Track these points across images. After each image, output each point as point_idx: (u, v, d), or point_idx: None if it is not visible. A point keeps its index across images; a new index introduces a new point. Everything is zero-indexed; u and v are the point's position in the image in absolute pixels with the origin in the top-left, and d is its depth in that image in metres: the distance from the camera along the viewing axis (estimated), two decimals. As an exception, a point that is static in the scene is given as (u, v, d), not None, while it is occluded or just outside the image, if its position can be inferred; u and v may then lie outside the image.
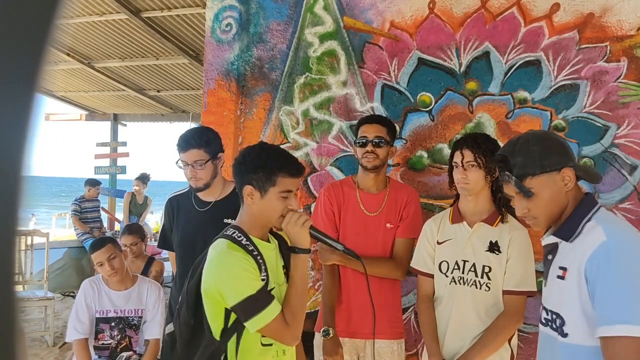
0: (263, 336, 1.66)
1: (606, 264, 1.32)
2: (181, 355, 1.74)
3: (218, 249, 1.65)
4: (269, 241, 1.76)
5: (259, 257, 1.65)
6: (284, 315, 1.61)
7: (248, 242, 1.66)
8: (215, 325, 1.64)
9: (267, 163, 1.64)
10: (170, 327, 1.82)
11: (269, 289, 1.64)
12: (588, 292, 1.34)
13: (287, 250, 1.77)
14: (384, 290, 2.42)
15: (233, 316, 1.62)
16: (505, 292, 2.08)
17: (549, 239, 1.53)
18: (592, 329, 1.34)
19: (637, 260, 1.30)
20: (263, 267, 1.65)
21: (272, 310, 1.58)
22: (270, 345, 1.68)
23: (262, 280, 1.62)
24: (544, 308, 1.55)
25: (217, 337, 1.64)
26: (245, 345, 1.64)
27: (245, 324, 1.58)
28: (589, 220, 1.42)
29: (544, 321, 1.54)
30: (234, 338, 1.64)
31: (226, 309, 1.62)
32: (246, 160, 1.68)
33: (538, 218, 1.52)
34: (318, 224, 2.45)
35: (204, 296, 1.64)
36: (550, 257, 1.53)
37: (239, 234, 1.68)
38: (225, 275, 1.60)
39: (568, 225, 1.46)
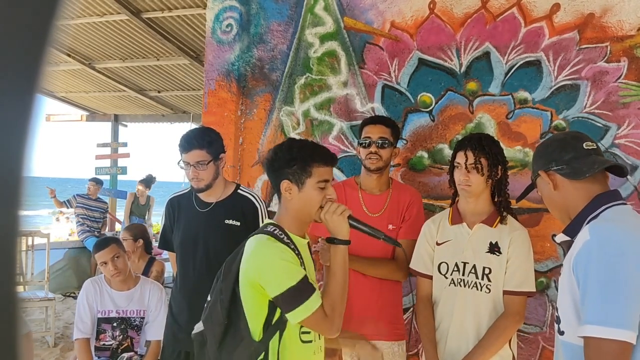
0: (302, 332, 1.64)
1: (587, 262, 1.32)
2: (211, 356, 1.68)
3: (257, 241, 1.62)
4: (304, 237, 1.75)
5: (297, 253, 1.64)
6: (323, 307, 1.58)
7: (289, 241, 1.65)
8: (256, 323, 1.60)
9: (299, 155, 1.64)
10: (200, 327, 1.74)
11: None
12: (578, 291, 1.35)
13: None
14: (384, 292, 2.42)
15: (278, 312, 1.60)
16: (505, 293, 2.07)
17: (560, 237, 1.54)
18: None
19: (614, 261, 1.29)
20: (301, 262, 1.63)
21: (314, 302, 1.56)
22: (310, 342, 1.66)
23: None
24: (555, 306, 1.57)
25: (257, 337, 1.60)
26: (286, 344, 1.62)
27: (286, 315, 1.56)
28: (594, 218, 1.41)
29: (555, 318, 1.54)
30: (276, 336, 1.61)
31: (270, 304, 1.59)
32: (278, 156, 1.67)
33: (554, 215, 1.63)
34: (321, 226, 2.44)
35: (244, 292, 1.60)
36: (566, 254, 1.54)
37: (279, 232, 1.66)
38: (266, 266, 1.57)
39: (574, 223, 1.47)
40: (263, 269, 1.57)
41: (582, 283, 1.32)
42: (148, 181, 8.14)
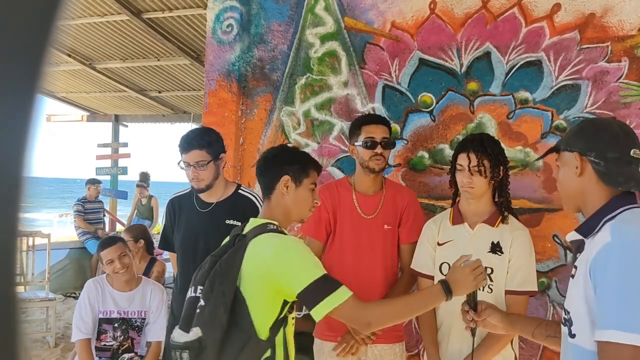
0: (293, 324, 1.70)
1: (606, 265, 1.27)
2: None
3: (278, 238, 1.65)
4: None
5: None
6: (357, 300, 1.58)
7: None
8: (263, 322, 1.59)
9: (301, 157, 1.84)
10: (193, 335, 1.60)
11: None
12: (594, 293, 1.30)
13: None
14: (383, 295, 2.40)
15: (285, 310, 1.62)
16: (507, 292, 2.07)
17: (571, 235, 1.48)
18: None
19: (636, 265, 1.24)
20: None
21: (344, 292, 1.56)
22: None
23: None
24: (563, 307, 1.52)
25: (263, 336, 1.58)
26: (288, 337, 1.65)
27: (314, 309, 1.55)
28: (611, 218, 1.36)
29: (563, 320, 1.50)
30: (281, 332, 1.62)
31: (284, 303, 1.60)
32: (280, 153, 1.85)
33: (562, 199, 1.57)
34: (308, 226, 2.44)
35: (255, 291, 1.58)
36: (575, 254, 1.48)
37: (281, 229, 1.73)
38: (296, 259, 1.61)
39: (589, 222, 1.42)
40: (291, 262, 1.60)
41: (600, 286, 1.27)
42: (141, 183, 8.17)
